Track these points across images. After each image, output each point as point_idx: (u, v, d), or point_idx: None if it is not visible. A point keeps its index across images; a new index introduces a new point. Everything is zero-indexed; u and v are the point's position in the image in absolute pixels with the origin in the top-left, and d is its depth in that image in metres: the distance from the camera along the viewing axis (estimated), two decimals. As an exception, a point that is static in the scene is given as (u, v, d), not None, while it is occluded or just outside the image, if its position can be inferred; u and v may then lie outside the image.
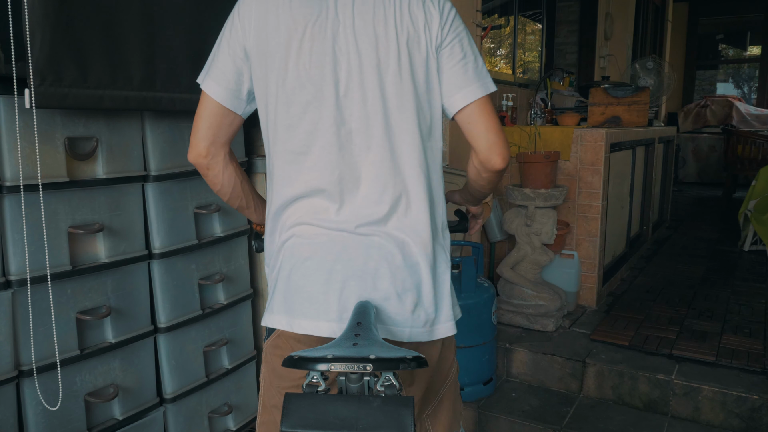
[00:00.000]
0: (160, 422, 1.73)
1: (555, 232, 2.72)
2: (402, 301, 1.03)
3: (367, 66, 1.01)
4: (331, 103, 1.01)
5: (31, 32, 1.27)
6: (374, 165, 1.03)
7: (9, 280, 1.37)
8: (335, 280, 1.01)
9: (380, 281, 1.02)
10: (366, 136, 1.02)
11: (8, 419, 1.39)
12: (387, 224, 1.03)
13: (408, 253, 1.04)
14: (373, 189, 1.03)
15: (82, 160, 1.49)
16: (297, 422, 0.81)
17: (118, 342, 1.60)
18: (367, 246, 1.02)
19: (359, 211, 1.03)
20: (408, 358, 0.97)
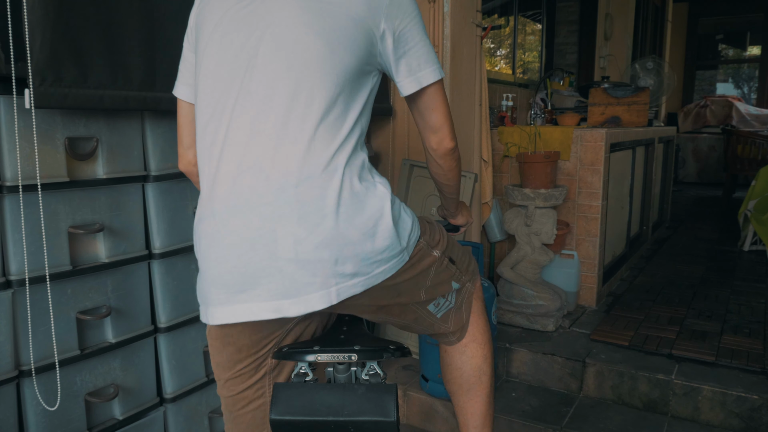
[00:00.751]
0: (160, 422, 1.74)
1: (555, 232, 2.72)
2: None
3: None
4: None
5: (31, 32, 1.27)
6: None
7: (9, 280, 1.37)
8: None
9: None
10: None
11: (8, 419, 1.39)
12: None
13: None
14: None
15: (82, 160, 1.49)
16: (285, 410, 0.83)
17: (118, 342, 1.60)
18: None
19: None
20: (391, 347, 1.00)
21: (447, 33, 2.57)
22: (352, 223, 1.00)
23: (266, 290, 0.99)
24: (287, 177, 0.98)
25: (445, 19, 2.56)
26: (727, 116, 7.95)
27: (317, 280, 0.98)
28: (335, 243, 0.98)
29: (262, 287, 0.99)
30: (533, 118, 3.66)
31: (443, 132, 1.18)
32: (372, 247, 1.01)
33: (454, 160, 1.24)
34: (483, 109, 2.90)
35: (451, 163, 1.24)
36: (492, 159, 3.06)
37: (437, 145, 1.20)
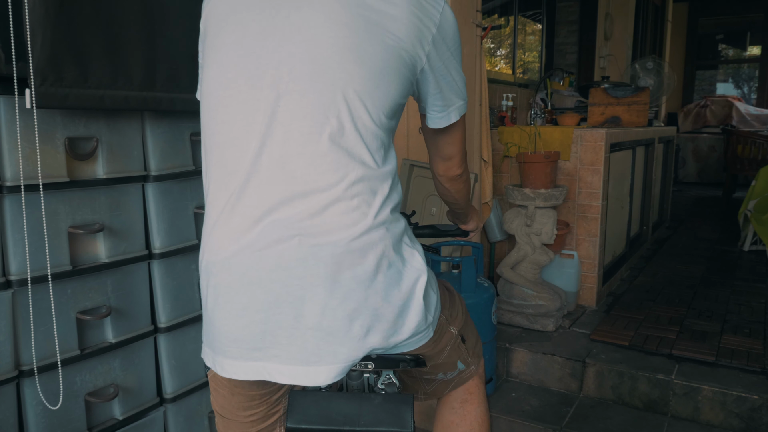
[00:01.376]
0: (160, 422, 1.74)
1: (555, 232, 2.72)
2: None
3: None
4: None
5: (31, 32, 1.27)
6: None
7: (9, 280, 1.37)
8: None
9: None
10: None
11: (8, 419, 1.39)
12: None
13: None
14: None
15: (82, 160, 1.49)
16: (301, 418, 0.82)
17: (118, 342, 1.60)
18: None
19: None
20: (407, 357, 0.98)
21: (447, 33, 2.56)
22: (388, 299, 0.91)
23: (286, 352, 0.90)
24: (310, 222, 0.89)
25: (445, 19, 2.56)
26: (727, 116, 7.95)
27: (344, 350, 0.89)
28: (368, 317, 0.89)
29: (281, 348, 0.90)
30: (533, 118, 3.66)
31: (454, 161, 1.19)
32: (402, 323, 0.93)
33: (461, 183, 1.24)
34: (483, 109, 2.90)
35: (458, 186, 1.25)
36: (492, 159, 3.06)
37: (444, 171, 1.21)
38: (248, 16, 0.93)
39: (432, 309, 1.01)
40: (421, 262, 0.97)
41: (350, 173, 0.88)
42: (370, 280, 0.89)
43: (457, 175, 1.22)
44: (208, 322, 0.98)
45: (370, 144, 0.90)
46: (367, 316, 0.89)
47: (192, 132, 1.75)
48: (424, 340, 1.00)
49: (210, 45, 0.98)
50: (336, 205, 0.88)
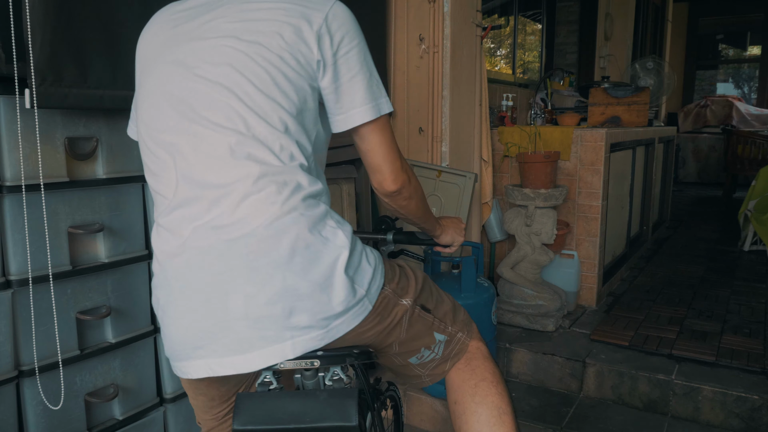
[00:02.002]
0: (160, 422, 1.74)
1: (555, 232, 2.72)
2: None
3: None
4: None
5: (31, 32, 1.27)
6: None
7: (9, 280, 1.37)
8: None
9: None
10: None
11: (8, 419, 1.39)
12: None
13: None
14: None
15: (82, 160, 1.49)
16: (247, 419, 0.83)
17: (118, 342, 1.60)
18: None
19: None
20: (355, 352, 1.00)
21: (447, 33, 2.57)
22: (305, 277, 0.94)
23: (222, 346, 0.96)
24: (225, 217, 0.96)
25: (445, 19, 2.56)
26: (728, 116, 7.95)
27: (270, 334, 0.94)
28: (287, 298, 0.94)
29: (218, 343, 0.96)
30: (533, 118, 3.66)
31: (383, 174, 1.08)
32: (328, 299, 0.96)
33: (403, 200, 1.14)
34: (483, 109, 2.90)
35: (399, 202, 1.14)
36: (492, 159, 3.06)
37: (377, 185, 1.11)
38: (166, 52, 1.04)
39: (364, 282, 1.02)
40: (345, 239, 1.00)
41: (253, 172, 0.95)
42: (286, 263, 0.94)
43: (392, 191, 1.10)
44: (162, 331, 1.05)
45: (272, 146, 0.96)
46: (288, 297, 0.94)
47: (192, 132, 1.74)
48: (362, 314, 1.01)
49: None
50: (246, 200, 0.94)
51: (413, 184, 1.15)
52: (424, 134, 2.65)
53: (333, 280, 0.96)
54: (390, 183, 1.09)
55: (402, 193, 1.11)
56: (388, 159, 1.07)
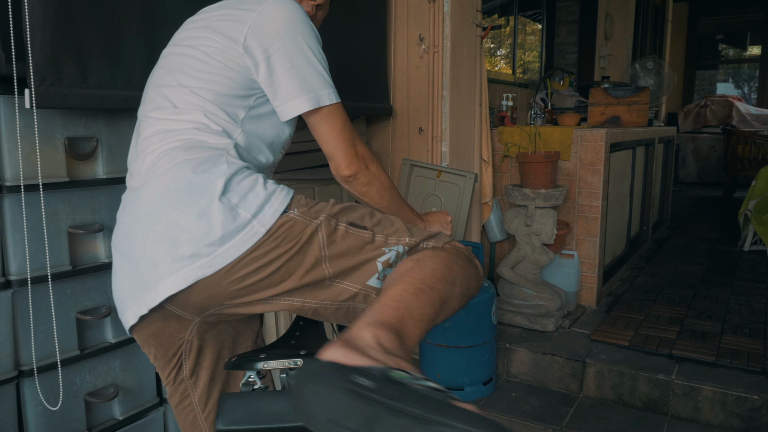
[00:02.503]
0: (160, 422, 1.73)
1: (555, 232, 2.72)
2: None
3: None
4: None
5: (31, 32, 1.27)
6: None
7: (9, 280, 1.37)
8: None
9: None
10: None
11: (8, 419, 1.39)
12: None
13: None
14: None
15: (82, 160, 1.49)
16: (231, 419, 0.83)
17: (118, 342, 1.60)
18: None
19: None
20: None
21: (447, 33, 2.57)
22: (185, 210, 1.01)
23: (137, 290, 1.05)
24: (138, 180, 1.10)
25: (445, 19, 2.56)
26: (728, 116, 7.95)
27: (161, 268, 1.00)
28: (171, 232, 1.00)
29: (135, 289, 1.06)
30: (533, 118, 3.66)
31: (335, 160, 1.15)
32: (208, 226, 0.99)
33: (361, 185, 1.18)
34: (483, 109, 2.90)
35: (358, 188, 1.18)
36: (492, 159, 3.06)
37: (333, 171, 1.17)
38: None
39: (252, 207, 1.02)
40: (224, 169, 1.05)
41: (157, 129, 1.13)
42: (168, 202, 1.02)
43: (347, 176, 1.16)
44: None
45: (182, 113, 1.12)
46: (171, 232, 1.01)
47: (192, 132, 1.74)
48: (251, 238, 1.01)
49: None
50: (147, 156, 1.11)
51: (372, 171, 1.18)
52: (424, 134, 2.65)
53: (210, 207, 1.00)
54: (343, 168, 1.15)
55: (358, 178, 1.16)
56: (340, 146, 1.14)
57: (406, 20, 2.60)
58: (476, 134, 2.87)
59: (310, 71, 1.12)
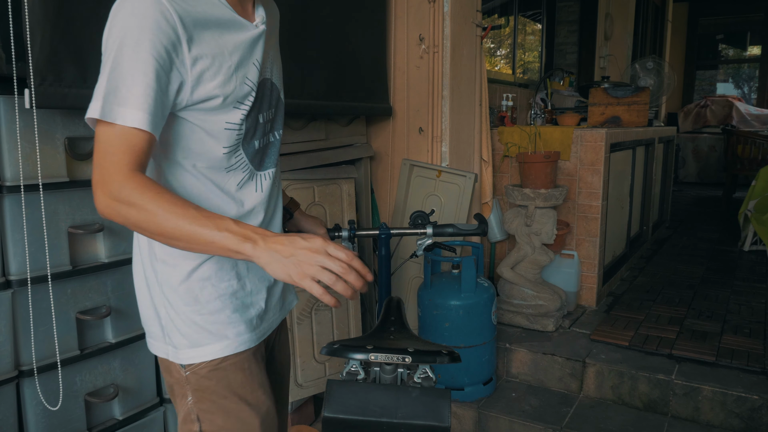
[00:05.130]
0: (160, 422, 1.73)
1: (555, 232, 2.72)
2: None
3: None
4: None
5: (31, 32, 1.27)
6: None
7: (9, 280, 1.37)
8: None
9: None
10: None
11: (8, 419, 1.39)
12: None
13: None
14: None
15: (82, 160, 1.49)
16: (339, 408, 0.83)
17: (118, 342, 1.60)
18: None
19: None
20: (443, 352, 0.97)
21: (447, 33, 2.57)
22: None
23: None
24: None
25: (445, 19, 2.56)
26: (728, 116, 7.95)
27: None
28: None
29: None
30: (533, 118, 3.66)
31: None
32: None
33: (120, 217, 0.86)
34: (483, 109, 2.90)
35: (119, 219, 0.86)
36: (492, 159, 3.06)
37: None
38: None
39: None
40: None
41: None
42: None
43: (100, 209, 0.88)
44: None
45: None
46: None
47: (192, 132, 1.74)
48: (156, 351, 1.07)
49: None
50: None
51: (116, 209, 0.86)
52: (424, 134, 2.65)
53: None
54: (97, 196, 0.88)
55: (111, 209, 0.87)
56: (103, 170, 0.88)
57: (406, 20, 2.60)
58: (476, 134, 2.87)
59: (113, 78, 0.91)
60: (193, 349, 0.99)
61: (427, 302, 2.34)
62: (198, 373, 0.99)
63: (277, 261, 0.82)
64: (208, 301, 1.00)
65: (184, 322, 1.00)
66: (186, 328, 1.00)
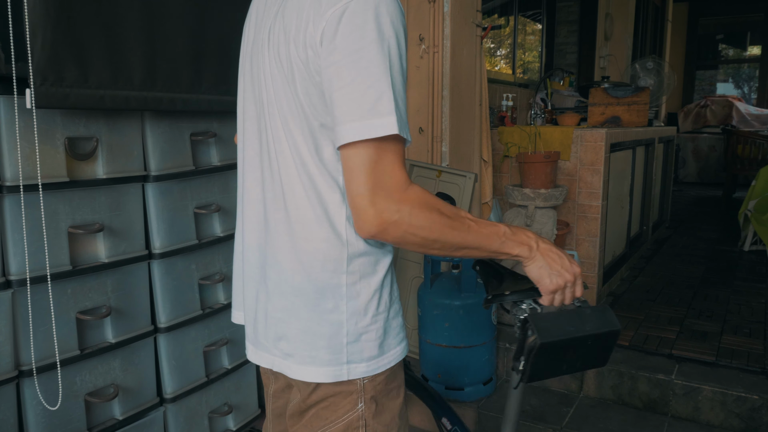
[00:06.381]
0: (160, 422, 1.73)
1: (555, 232, 2.71)
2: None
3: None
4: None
5: (31, 32, 1.27)
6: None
7: (9, 280, 1.37)
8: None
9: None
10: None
11: (8, 419, 1.39)
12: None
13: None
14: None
15: (82, 160, 1.49)
16: (549, 334, 1.00)
17: (118, 342, 1.60)
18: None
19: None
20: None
21: (447, 33, 2.57)
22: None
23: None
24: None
25: (445, 19, 2.56)
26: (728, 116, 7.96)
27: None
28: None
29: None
30: (533, 118, 3.66)
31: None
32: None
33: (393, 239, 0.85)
34: (483, 109, 2.90)
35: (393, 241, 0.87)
36: (492, 159, 3.06)
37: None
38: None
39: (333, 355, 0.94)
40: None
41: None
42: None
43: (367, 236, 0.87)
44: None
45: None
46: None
47: (192, 132, 1.74)
48: (312, 377, 0.95)
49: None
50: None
51: (400, 217, 0.83)
52: (424, 134, 2.65)
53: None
54: (366, 228, 0.85)
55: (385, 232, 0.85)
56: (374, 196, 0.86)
57: (406, 20, 2.60)
58: (476, 134, 2.87)
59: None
60: (381, 358, 0.94)
61: (428, 302, 2.34)
62: (375, 380, 0.95)
63: (542, 268, 0.99)
64: (392, 304, 0.97)
65: (378, 330, 0.94)
66: (380, 336, 0.94)
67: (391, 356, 0.95)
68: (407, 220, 0.81)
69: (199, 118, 1.78)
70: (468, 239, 0.87)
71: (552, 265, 0.99)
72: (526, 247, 0.96)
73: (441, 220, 0.84)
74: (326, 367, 0.91)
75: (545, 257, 0.98)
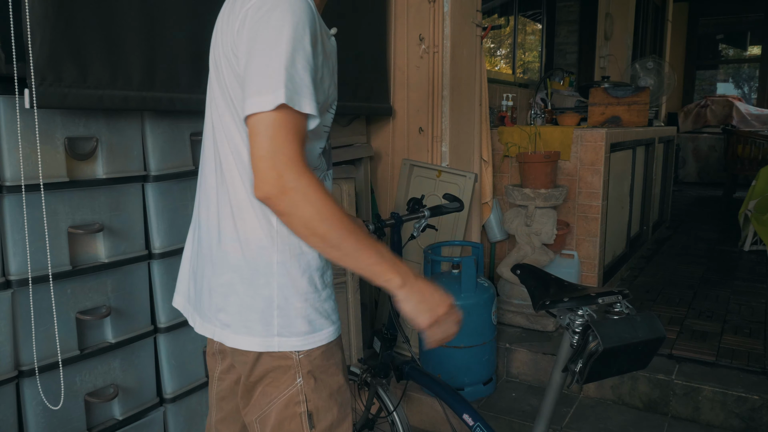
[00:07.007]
0: (160, 422, 1.73)
1: (555, 232, 2.72)
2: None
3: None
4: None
5: (31, 32, 1.27)
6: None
7: (9, 280, 1.37)
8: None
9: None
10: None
11: (8, 419, 1.39)
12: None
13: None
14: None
15: (82, 160, 1.49)
16: (611, 341, 1.10)
17: (118, 342, 1.60)
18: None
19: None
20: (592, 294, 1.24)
21: (447, 33, 2.57)
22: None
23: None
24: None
25: (445, 19, 2.56)
26: (728, 116, 7.96)
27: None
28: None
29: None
30: (533, 118, 3.66)
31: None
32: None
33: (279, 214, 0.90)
34: (483, 109, 2.90)
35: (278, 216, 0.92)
36: (492, 159, 3.06)
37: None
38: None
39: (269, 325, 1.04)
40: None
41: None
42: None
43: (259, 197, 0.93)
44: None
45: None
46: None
47: (192, 132, 1.74)
48: (246, 345, 1.04)
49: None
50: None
51: (291, 198, 0.87)
52: (424, 134, 2.65)
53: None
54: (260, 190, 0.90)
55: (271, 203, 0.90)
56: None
57: (406, 20, 2.60)
58: (476, 134, 2.87)
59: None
60: (313, 335, 1.03)
61: (427, 302, 2.34)
62: (311, 355, 1.03)
63: (419, 303, 0.97)
64: (324, 288, 1.05)
65: (308, 308, 1.02)
66: (310, 314, 1.02)
67: (324, 335, 1.03)
68: (303, 191, 0.86)
69: (199, 118, 1.77)
70: (348, 240, 0.90)
71: (428, 300, 0.98)
72: (398, 276, 0.93)
73: (333, 209, 0.88)
74: (258, 337, 1.00)
75: (421, 288, 0.97)
